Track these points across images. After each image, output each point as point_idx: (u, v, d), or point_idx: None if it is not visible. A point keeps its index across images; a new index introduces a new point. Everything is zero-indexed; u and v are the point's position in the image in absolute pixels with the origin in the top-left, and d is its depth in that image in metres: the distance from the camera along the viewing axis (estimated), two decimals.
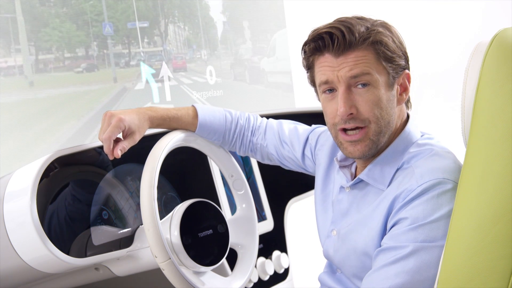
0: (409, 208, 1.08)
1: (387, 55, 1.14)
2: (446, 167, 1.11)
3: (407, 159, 1.16)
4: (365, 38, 1.13)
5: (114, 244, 1.33)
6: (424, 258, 1.04)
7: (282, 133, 1.45)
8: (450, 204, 1.06)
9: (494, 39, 1.00)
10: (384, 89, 1.15)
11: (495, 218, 0.91)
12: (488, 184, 0.94)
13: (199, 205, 1.32)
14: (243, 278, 1.38)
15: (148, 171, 1.22)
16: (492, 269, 0.90)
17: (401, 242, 1.07)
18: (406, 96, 1.20)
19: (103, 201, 1.34)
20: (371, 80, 1.14)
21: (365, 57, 1.13)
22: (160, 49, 2.52)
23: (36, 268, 1.25)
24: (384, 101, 1.15)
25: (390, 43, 1.14)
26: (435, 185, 1.08)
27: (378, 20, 1.18)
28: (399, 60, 1.16)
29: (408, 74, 1.19)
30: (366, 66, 1.13)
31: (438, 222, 1.05)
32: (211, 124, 1.40)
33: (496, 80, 0.97)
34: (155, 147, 1.27)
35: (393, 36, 1.16)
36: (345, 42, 1.12)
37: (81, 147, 1.32)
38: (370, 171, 1.20)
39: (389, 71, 1.15)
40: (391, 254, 1.07)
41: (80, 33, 2.15)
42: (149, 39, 2.48)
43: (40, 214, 1.19)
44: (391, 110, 1.17)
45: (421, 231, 1.05)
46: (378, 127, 1.16)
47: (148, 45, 2.47)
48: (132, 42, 2.39)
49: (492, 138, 0.95)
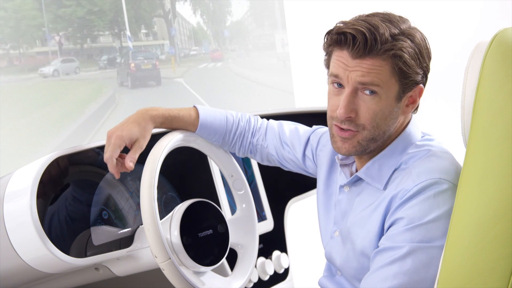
0: (405, 208, 1.08)
1: (403, 70, 1.11)
2: (443, 167, 1.11)
3: (405, 160, 1.16)
4: (386, 49, 1.09)
5: (114, 244, 1.33)
6: (421, 258, 1.04)
7: (283, 134, 1.45)
8: (447, 204, 1.06)
9: (494, 39, 1.00)
10: (391, 101, 1.13)
11: (495, 218, 0.91)
12: (488, 184, 0.93)
13: (199, 205, 1.32)
14: (243, 278, 1.38)
15: (148, 171, 1.22)
16: (492, 269, 0.90)
17: (398, 243, 1.06)
18: (412, 108, 1.18)
19: (103, 201, 1.34)
20: (380, 91, 1.12)
21: (381, 68, 1.10)
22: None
23: (36, 268, 1.25)
24: (387, 112, 1.14)
25: (409, 60, 1.11)
26: (431, 185, 1.07)
27: (407, 26, 1.13)
28: (415, 76, 1.13)
29: (421, 89, 1.16)
30: (378, 78, 1.11)
31: (435, 222, 1.05)
32: (212, 124, 1.40)
33: (496, 80, 0.97)
34: (155, 147, 1.27)
35: (416, 48, 1.12)
36: (365, 48, 1.09)
37: (81, 147, 1.32)
38: (368, 169, 1.20)
39: (401, 85, 1.13)
40: (389, 254, 1.07)
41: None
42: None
43: (40, 214, 1.19)
44: (391, 120, 1.15)
45: (418, 231, 1.05)
46: (371, 134, 1.15)
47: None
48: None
49: (492, 138, 0.95)
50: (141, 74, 2.70)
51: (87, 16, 2.43)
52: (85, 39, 2.45)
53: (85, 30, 2.43)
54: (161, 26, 2.75)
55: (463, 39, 2.57)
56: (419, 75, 1.14)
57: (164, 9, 2.77)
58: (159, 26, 2.75)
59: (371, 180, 1.19)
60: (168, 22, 2.76)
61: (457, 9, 2.94)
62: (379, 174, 1.18)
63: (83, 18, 2.41)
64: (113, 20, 2.51)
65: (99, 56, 2.51)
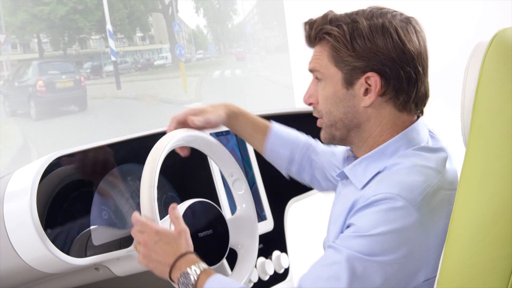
0: (358, 216, 1.06)
1: (333, 55, 1.15)
2: (409, 184, 1.06)
3: (390, 165, 1.12)
4: (316, 34, 1.16)
5: (114, 244, 1.33)
6: (357, 269, 1.01)
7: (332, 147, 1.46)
8: (398, 222, 1.02)
9: (494, 39, 1.00)
10: (338, 87, 1.16)
11: (495, 217, 0.91)
12: (488, 183, 0.93)
13: (199, 205, 1.32)
14: (243, 278, 1.38)
15: (148, 171, 1.22)
16: (492, 269, 0.90)
17: (341, 246, 1.04)
18: (372, 99, 1.14)
19: (103, 201, 1.34)
20: (323, 76, 1.17)
21: (320, 54, 1.17)
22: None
23: (36, 268, 1.25)
24: (336, 98, 1.16)
25: (336, 44, 1.13)
26: (383, 199, 1.04)
27: (365, 15, 1.14)
28: (352, 61, 1.13)
29: (372, 76, 1.12)
30: (318, 63, 1.17)
31: (379, 236, 1.02)
32: (288, 135, 1.44)
33: (496, 80, 0.97)
34: (155, 147, 1.27)
35: (350, 31, 1.12)
36: (309, 36, 1.18)
37: (81, 147, 1.32)
38: (354, 167, 1.18)
39: (342, 71, 1.15)
40: (331, 254, 1.05)
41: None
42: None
43: (40, 214, 1.19)
44: (344, 108, 1.16)
45: (359, 242, 1.02)
46: (328, 120, 1.19)
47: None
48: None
49: (492, 138, 0.95)
50: (53, 96, 1.71)
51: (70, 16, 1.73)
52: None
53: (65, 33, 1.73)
54: (159, 23, 2.05)
55: (463, 39, 2.57)
56: (361, 60, 1.12)
57: (163, 2, 2.11)
58: (156, 23, 2.03)
59: (354, 178, 1.17)
60: (168, 18, 2.11)
61: (457, 9, 2.94)
62: (363, 173, 1.15)
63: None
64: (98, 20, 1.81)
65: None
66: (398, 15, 1.15)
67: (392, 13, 1.15)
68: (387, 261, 1.02)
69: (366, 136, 1.18)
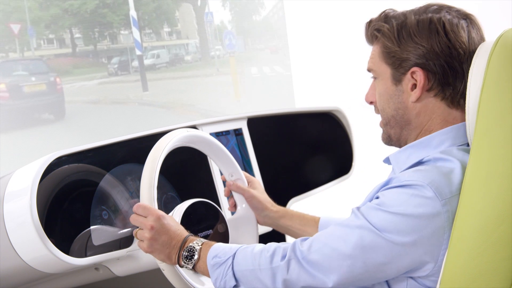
0: (386, 192, 1.08)
1: (383, 51, 1.17)
2: (444, 180, 1.06)
3: (434, 159, 1.12)
4: (369, 33, 1.20)
5: (114, 244, 1.33)
6: (365, 239, 1.04)
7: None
8: (419, 209, 1.03)
9: (499, 40, 1.00)
10: (389, 84, 1.18)
11: (499, 219, 0.91)
12: (492, 185, 0.93)
13: (199, 205, 1.32)
14: None
15: (148, 171, 1.21)
16: (495, 270, 0.91)
17: (361, 213, 1.07)
18: (417, 93, 1.15)
19: (103, 201, 1.34)
20: (377, 74, 1.20)
21: (374, 53, 1.20)
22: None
23: (36, 268, 1.25)
24: (387, 95, 1.19)
25: (385, 40, 1.16)
26: (414, 185, 1.06)
27: (412, 11, 1.16)
28: (401, 56, 1.14)
29: (417, 71, 1.14)
30: (372, 62, 1.20)
31: (397, 216, 1.04)
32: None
33: (501, 81, 0.97)
34: (155, 147, 1.27)
35: (398, 28, 1.14)
36: (366, 35, 1.22)
37: (81, 147, 1.32)
38: (399, 153, 1.20)
39: (392, 67, 1.17)
40: (351, 217, 1.09)
41: None
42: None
43: (40, 214, 1.19)
44: (394, 104, 1.18)
45: (377, 214, 1.05)
46: (384, 119, 1.22)
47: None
48: None
49: (497, 139, 0.95)
50: (22, 103, 1.29)
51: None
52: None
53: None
54: (188, 15, 1.75)
55: None
56: (409, 54, 1.14)
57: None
58: (182, 17, 1.70)
59: (395, 163, 1.20)
60: (198, 10, 1.85)
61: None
62: (405, 161, 1.17)
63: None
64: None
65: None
66: (453, 11, 1.16)
67: (447, 9, 1.16)
68: (396, 241, 1.03)
69: (418, 132, 1.19)
